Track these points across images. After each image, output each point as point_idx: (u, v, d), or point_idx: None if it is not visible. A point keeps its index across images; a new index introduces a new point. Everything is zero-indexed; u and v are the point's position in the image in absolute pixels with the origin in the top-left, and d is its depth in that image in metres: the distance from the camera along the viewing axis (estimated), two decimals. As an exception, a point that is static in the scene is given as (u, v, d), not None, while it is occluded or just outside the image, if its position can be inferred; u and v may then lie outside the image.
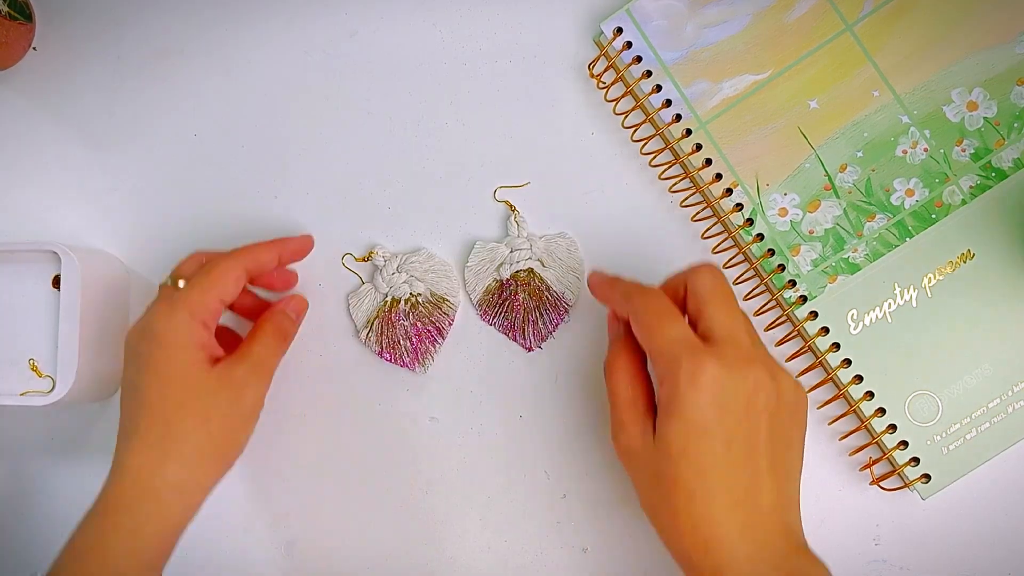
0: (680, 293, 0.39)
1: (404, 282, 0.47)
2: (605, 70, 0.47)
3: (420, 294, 0.47)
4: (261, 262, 0.43)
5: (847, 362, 0.44)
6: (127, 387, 0.41)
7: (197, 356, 0.40)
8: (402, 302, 0.47)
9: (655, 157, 0.46)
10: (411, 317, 0.47)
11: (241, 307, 0.46)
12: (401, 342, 0.47)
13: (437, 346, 0.47)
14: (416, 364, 0.47)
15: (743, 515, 0.35)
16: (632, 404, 0.38)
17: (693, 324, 0.38)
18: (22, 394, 0.46)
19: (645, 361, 0.40)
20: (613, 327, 0.42)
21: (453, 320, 0.48)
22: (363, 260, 0.48)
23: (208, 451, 0.39)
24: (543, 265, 0.47)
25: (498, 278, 0.47)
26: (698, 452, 0.35)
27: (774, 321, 0.45)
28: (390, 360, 0.47)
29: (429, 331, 0.47)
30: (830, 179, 0.45)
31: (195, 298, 0.40)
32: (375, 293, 0.48)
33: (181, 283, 0.41)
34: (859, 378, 0.44)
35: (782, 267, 0.45)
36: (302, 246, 0.46)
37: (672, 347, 0.36)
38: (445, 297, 0.47)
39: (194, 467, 0.39)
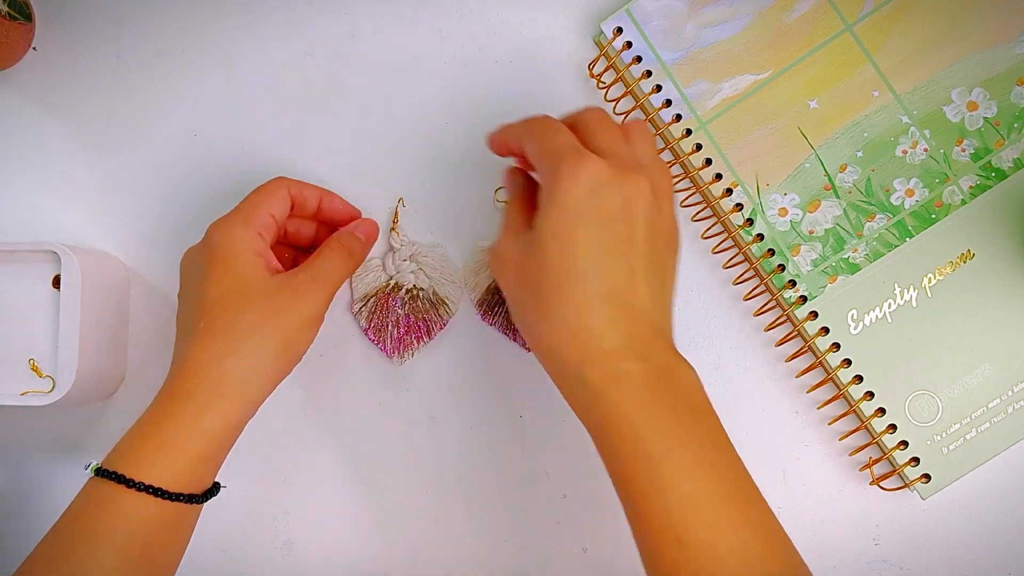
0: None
1: (412, 272, 0.47)
2: (605, 70, 0.47)
3: (423, 289, 0.47)
4: (304, 195, 0.44)
5: (847, 362, 0.44)
6: (185, 296, 0.42)
7: (255, 262, 0.41)
8: (403, 290, 0.47)
9: (655, 157, 0.46)
10: (407, 307, 0.47)
11: (309, 239, 0.47)
12: (389, 328, 0.47)
13: (421, 343, 0.47)
14: (396, 354, 0.47)
15: (613, 309, 0.35)
16: (511, 226, 0.39)
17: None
18: (22, 394, 0.46)
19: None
20: (511, 181, 0.42)
21: (445, 325, 0.47)
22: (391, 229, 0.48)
23: (268, 348, 0.40)
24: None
25: (498, 278, 0.47)
26: (571, 236, 0.35)
27: (774, 321, 0.45)
28: (373, 341, 0.47)
29: (419, 327, 0.47)
30: (830, 179, 0.45)
31: (247, 210, 0.42)
32: (380, 271, 0.48)
33: None
34: (859, 378, 0.44)
35: (782, 267, 0.45)
36: (348, 210, 0.46)
37: (559, 149, 0.36)
38: (445, 300, 0.47)
39: (254, 362, 0.39)
